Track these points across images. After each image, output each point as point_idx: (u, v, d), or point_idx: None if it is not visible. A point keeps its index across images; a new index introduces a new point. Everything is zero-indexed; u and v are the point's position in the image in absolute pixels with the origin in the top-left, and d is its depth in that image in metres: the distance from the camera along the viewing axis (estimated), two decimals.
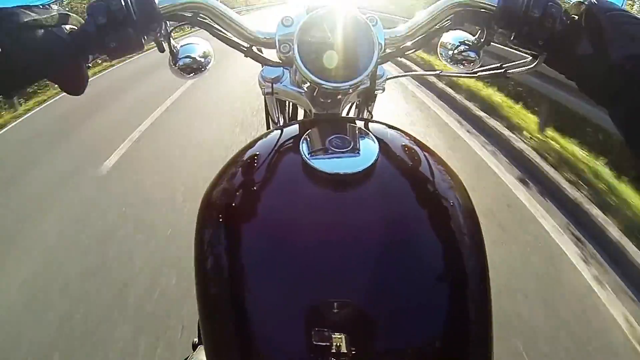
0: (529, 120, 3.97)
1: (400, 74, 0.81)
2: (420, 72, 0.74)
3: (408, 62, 6.73)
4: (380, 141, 0.48)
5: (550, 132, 3.64)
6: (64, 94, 0.51)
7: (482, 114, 4.29)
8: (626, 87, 0.45)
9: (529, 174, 3.10)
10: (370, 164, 0.44)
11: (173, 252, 2.35)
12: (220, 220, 0.46)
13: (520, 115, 4.08)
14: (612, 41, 0.46)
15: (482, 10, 0.55)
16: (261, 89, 0.66)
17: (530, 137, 3.60)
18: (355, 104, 0.79)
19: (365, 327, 0.39)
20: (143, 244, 2.49)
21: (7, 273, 2.44)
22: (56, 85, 0.50)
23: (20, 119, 6.35)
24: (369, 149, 0.46)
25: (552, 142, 3.42)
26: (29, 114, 6.62)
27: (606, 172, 2.88)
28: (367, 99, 0.68)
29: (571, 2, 0.52)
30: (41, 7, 0.46)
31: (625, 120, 0.46)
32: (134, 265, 2.31)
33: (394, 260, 0.41)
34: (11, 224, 3.02)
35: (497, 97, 4.61)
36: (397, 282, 0.40)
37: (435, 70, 0.72)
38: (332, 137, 0.47)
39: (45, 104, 7.00)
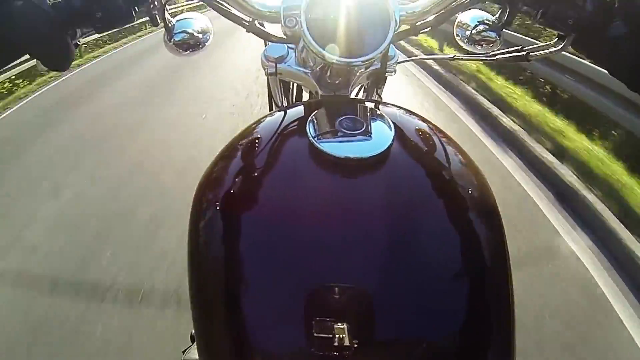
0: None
1: (412, 58, 0.77)
2: (433, 55, 0.69)
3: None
4: (395, 125, 0.44)
5: None
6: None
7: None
8: None
9: None
10: (384, 148, 0.40)
11: None
12: (218, 206, 0.43)
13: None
14: None
15: None
16: (264, 69, 0.62)
17: None
18: (364, 87, 0.75)
19: (370, 318, 0.36)
20: None
21: None
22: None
23: None
24: (383, 133, 0.42)
25: None
26: None
27: None
28: (377, 81, 0.64)
29: None
30: None
31: None
32: None
33: (404, 250, 0.38)
34: None
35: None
36: (405, 272, 0.37)
37: (451, 54, 0.68)
38: (342, 118, 0.43)
39: None
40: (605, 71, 0.47)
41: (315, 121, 0.44)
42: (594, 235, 2.26)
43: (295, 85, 0.92)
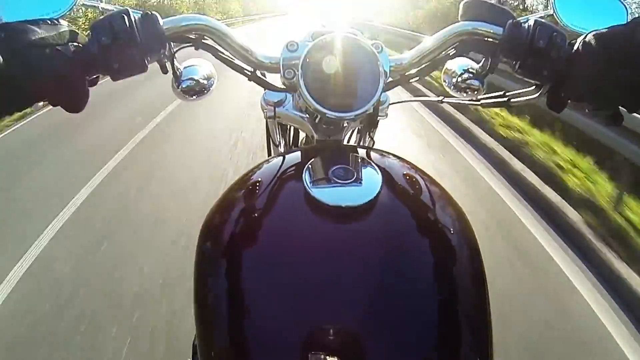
0: None
1: (403, 100, 0.81)
2: (423, 98, 0.73)
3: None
4: (383, 171, 0.47)
5: None
6: None
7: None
8: (635, 107, 0.45)
9: None
10: (373, 196, 0.43)
11: None
12: (221, 247, 0.46)
13: None
14: (615, 65, 0.46)
15: (487, 39, 0.55)
16: (263, 112, 0.65)
17: None
18: (357, 129, 0.79)
19: (360, 354, 0.38)
20: None
21: None
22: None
23: None
24: (372, 180, 0.45)
25: None
26: None
27: None
28: (370, 125, 0.67)
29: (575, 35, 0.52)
30: (49, 22, 0.45)
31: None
32: None
33: (393, 293, 0.40)
34: None
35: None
36: (397, 314, 0.39)
37: (439, 97, 0.72)
38: (335, 167, 0.46)
39: None
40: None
41: (311, 169, 0.47)
42: None
43: (292, 127, 0.95)
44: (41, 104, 0.48)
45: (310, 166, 0.47)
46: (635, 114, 0.55)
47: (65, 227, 2.50)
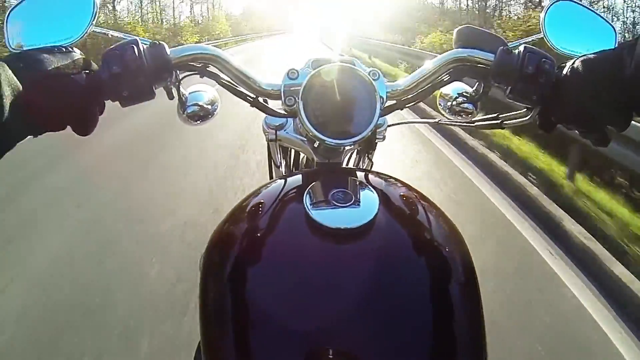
0: None
1: (400, 122, 0.83)
2: (420, 120, 0.75)
3: None
4: (380, 193, 0.49)
5: None
6: None
7: None
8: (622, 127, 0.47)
9: None
10: (370, 218, 0.45)
11: None
12: (225, 265, 0.47)
13: None
14: (601, 89, 0.47)
15: (479, 65, 0.58)
16: (265, 135, 0.67)
17: None
18: (356, 151, 0.81)
19: None
20: None
21: None
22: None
23: None
24: (369, 202, 0.47)
25: None
26: None
27: None
28: (368, 147, 0.69)
29: (565, 59, 0.54)
30: (63, 49, 0.47)
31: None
32: None
33: (391, 314, 0.42)
34: None
35: None
36: (395, 336, 0.40)
37: (435, 119, 0.74)
38: (335, 191, 0.48)
39: None
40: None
41: (311, 192, 0.48)
42: None
43: (293, 150, 0.97)
44: None
45: (310, 190, 0.49)
46: None
47: None
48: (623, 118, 0.49)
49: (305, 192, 0.48)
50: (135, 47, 0.49)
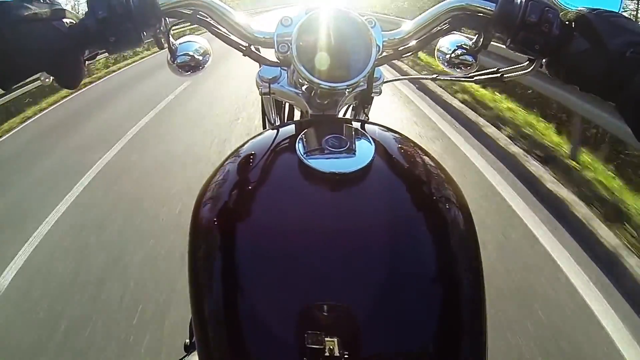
0: None
1: (397, 78, 0.81)
2: (417, 75, 0.73)
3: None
4: (376, 142, 0.48)
5: None
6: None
7: None
8: (630, 75, 0.45)
9: None
10: (365, 164, 0.44)
11: None
12: (215, 221, 0.46)
13: None
14: (608, 35, 0.46)
15: (479, 14, 0.56)
16: (258, 89, 0.66)
17: None
18: (351, 106, 0.80)
19: (359, 330, 0.39)
20: None
21: None
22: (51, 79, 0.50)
23: None
24: (364, 150, 0.46)
25: None
26: None
27: None
28: (364, 101, 0.68)
29: (568, 11, 0.52)
30: (42, 1, 0.46)
31: (635, 110, 0.46)
32: None
33: (388, 262, 0.41)
34: None
35: None
36: (391, 285, 0.40)
37: (432, 74, 0.73)
38: (329, 137, 0.47)
39: None
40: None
41: (304, 140, 0.47)
42: None
43: (287, 104, 0.96)
44: (49, 79, 0.49)
45: (303, 137, 0.48)
46: None
47: None
48: (607, 87, 0.48)
49: (298, 140, 0.47)
50: None
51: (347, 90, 0.51)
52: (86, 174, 3.73)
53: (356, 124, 0.53)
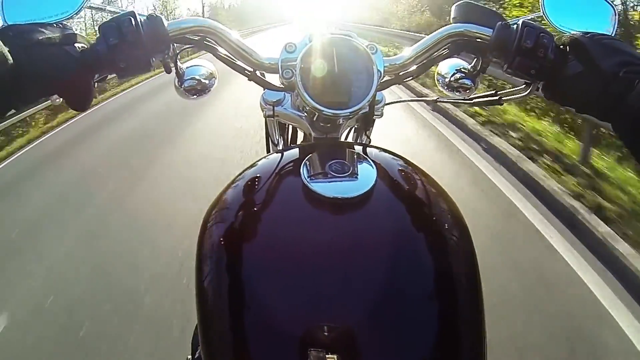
0: None
1: (399, 100, 0.83)
2: (418, 98, 0.75)
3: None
4: (378, 166, 0.49)
5: None
6: None
7: None
8: (624, 94, 0.46)
9: None
10: (368, 188, 0.45)
11: None
12: (221, 241, 0.47)
13: None
14: (601, 57, 0.48)
15: (477, 40, 0.58)
16: (262, 111, 0.67)
17: None
18: (354, 128, 0.81)
19: (360, 348, 0.39)
20: None
21: None
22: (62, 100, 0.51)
23: None
24: (367, 174, 0.47)
25: None
26: None
27: None
28: (366, 123, 0.69)
29: (562, 35, 0.54)
30: (55, 25, 0.48)
31: (631, 129, 0.47)
32: None
33: (388, 284, 0.42)
34: None
35: None
36: (391, 305, 0.41)
37: (433, 97, 0.74)
38: (332, 161, 0.48)
39: None
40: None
41: (309, 164, 0.48)
42: None
43: (290, 126, 0.97)
44: (59, 100, 0.50)
45: (307, 161, 0.49)
46: None
47: None
48: (602, 107, 0.49)
49: (302, 164, 0.48)
50: (132, 19, 0.49)
51: (350, 116, 0.52)
52: None
53: (358, 148, 0.54)
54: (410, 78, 0.63)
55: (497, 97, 0.64)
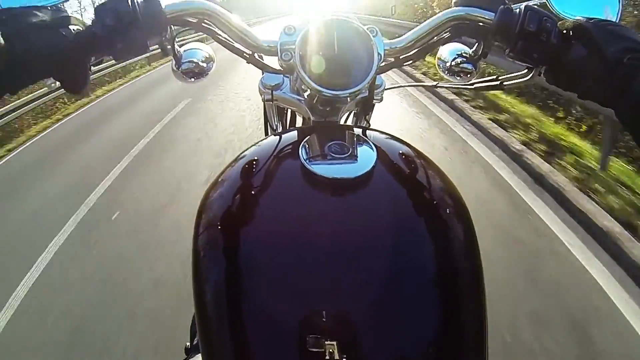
0: None
1: (398, 85, 0.82)
2: (417, 83, 0.74)
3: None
4: (378, 148, 0.49)
5: None
6: None
7: None
8: (628, 81, 0.46)
9: None
10: (367, 169, 0.45)
11: None
12: (218, 225, 0.47)
13: None
14: (606, 43, 0.47)
15: (479, 23, 0.57)
16: (261, 95, 0.67)
17: None
18: (353, 112, 0.81)
19: (359, 334, 0.40)
20: None
21: None
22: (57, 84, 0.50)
23: None
24: (366, 156, 0.47)
25: None
26: None
27: None
28: (365, 108, 0.69)
29: (566, 20, 0.53)
30: (49, 8, 0.47)
31: (634, 116, 0.46)
32: None
33: (389, 267, 0.42)
34: None
35: None
36: (391, 289, 0.41)
37: (433, 82, 0.74)
38: (331, 143, 0.48)
39: None
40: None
41: (307, 146, 0.48)
42: None
43: (289, 110, 0.97)
44: (57, 84, 0.50)
45: (306, 143, 0.49)
46: None
47: None
48: (606, 93, 0.49)
49: (301, 146, 0.48)
50: (129, 0, 0.48)
51: (349, 97, 0.52)
52: None
53: (358, 131, 0.54)
54: (411, 61, 0.62)
55: (498, 82, 0.64)
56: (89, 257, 2.63)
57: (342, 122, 0.70)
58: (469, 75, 0.67)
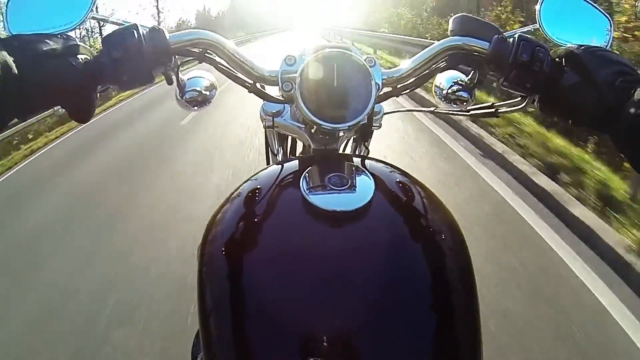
0: None
1: (396, 110, 0.84)
2: (416, 108, 0.76)
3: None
4: (376, 178, 0.50)
5: None
6: None
7: None
8: (620, 104, 0.46)
9: None
10: (366, 201, 0.46)
11: None
12: (222, 252, 0.47)
13: None
14: (597, 67, 0.48)
15: (474, 53, 0.58)
16: (262, 122, 0.68)
17: None
18: (352, 138, 0.82)
19: (358, 357, 0.40)
20: None
21: None
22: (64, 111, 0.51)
23: None
24: (365, 187, 0.48)
25: None
26: None
27: None
28: (364, 134, 0.70)
29: (558, 48, 0.55)
30: (59, 36, 0.48)
31: (629, 139, 0.47)
32: None
33: (385, 294, 0.42)
34: None
35: None
36: (389, 315, 0.41)
37: (431, 107, 0.75)
38: (331, 175, 0.49)
39: None
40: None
41: (308, 177, 0.49)
42: None
43: (290, 137, 0.97)
44: (62, 110, 0.51)
45: (307, 174, 0.49)
46: None
47: None
48: (599, 118, 0.49)
49: (302, 177, 0.49)
50: (135, 32, 0.49)
51: (348, 129, 0.53)
52: None
53: (357, 160, 0.55)
54: (408, 91, 0.63)
55: (493, 110, 0.65)
56: None
57: (342, 148, 0.71)
58: (464, 103, 0.68)
